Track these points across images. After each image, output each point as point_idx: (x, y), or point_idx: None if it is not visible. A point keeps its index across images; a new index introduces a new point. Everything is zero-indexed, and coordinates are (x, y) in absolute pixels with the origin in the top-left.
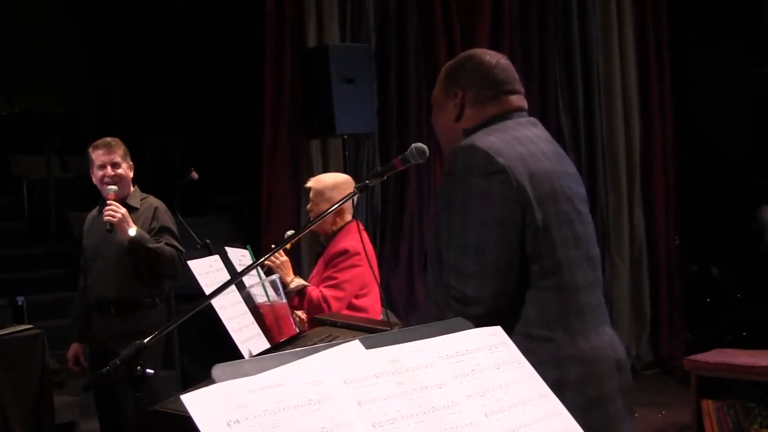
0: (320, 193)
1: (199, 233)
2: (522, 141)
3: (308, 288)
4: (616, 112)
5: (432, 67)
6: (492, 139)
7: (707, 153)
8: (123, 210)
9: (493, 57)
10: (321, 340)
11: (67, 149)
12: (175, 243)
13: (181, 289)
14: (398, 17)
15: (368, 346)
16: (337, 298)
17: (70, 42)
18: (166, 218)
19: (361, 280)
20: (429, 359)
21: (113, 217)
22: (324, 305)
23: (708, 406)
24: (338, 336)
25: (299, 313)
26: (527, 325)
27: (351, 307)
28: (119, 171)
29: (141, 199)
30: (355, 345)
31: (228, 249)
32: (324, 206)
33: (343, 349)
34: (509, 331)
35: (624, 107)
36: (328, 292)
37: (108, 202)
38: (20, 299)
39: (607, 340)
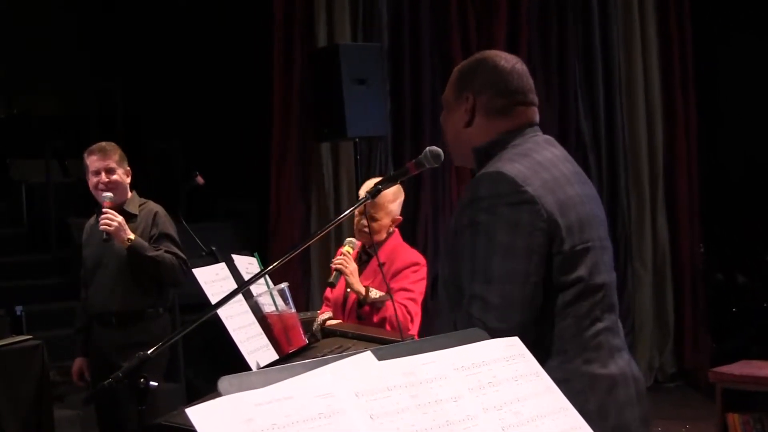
0: (381, 206)
1: (205, 240)
2: (545, 165)
3: (388, 301)
4: (638, 114)
5: (447, 68)
6: (518, 167)
7: (733, 156)
8: (119, 218)
9: (508, 62)
10: (331, 352)
11: (67, 152)
12: (176, 250)
13: (186, 299)
14: (412, 15)
15: (380, 358)
16: (416, 312)
17: (71, 42)
18: (166, 224)
19: (424, 293)
20: (443, 371)
21: (109, 226)
22: (408, 317)
23: (734, 419)
24: (349, 347)
25: (334, 322)
26: (545, 356)
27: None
28: (114, 177)
29: (140, 205)
30: (366, 356)
31: (235, 256)
32: (385, 220)
33: (354, 361)
34: None
35: (646, 109)
36: (411, 306)
37: (103, 210)
38: (19, 309)
39: (626, 368)
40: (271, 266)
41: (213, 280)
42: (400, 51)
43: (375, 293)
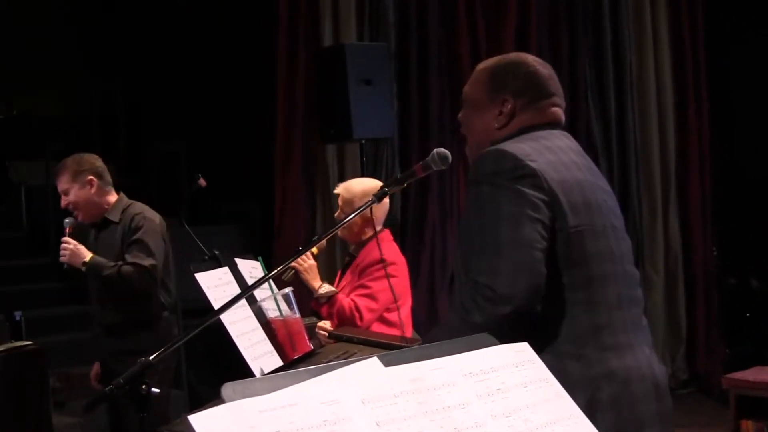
0: (349, 202)
1: (207, 243)
2: (553, 150)
3: (338, 296)
4: (650, 116)
5: (455, 68)
6: (521, 146)
7: (746, 159)
8: (71, 246)
9: (545, 68)
10: (337, 357)
11: (67, 154)
12: (138, 258)
13: (189, 303)
14: (419, 14)
15: (387, 364)
16: (371, 309)
17: (71, 42)
18: (140, 227)
19: (396, 291)
20: (451, 377)
21: (63, 256)
22: (356, 314)
23: (748, 427)
24: (355, 353)
25: (324, 324)
26: (557, 342)
27: (382, 320)
28: (69, 198)
29: (123, 209)
30: (373, 362)
31: (238, 260)
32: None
33: (360, 367)
34: (538, 349)
35: (658, 111)
36: (361, 302)
37: (62, 238)
38: (18, 314)
39: (644, 361)
40: (276, 270)
41: (216, 284)
42: (407, 51)
43: (324, 289)
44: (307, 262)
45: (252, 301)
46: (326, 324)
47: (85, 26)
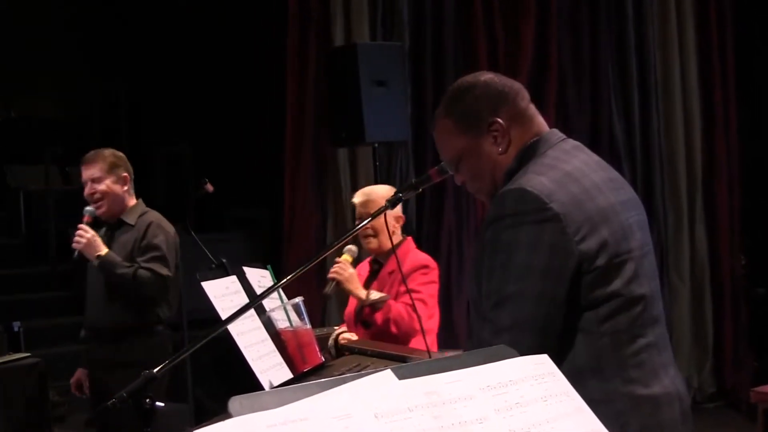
0: (372, 208)
1: (215, 251)
2: (574, 176)
3: (390, 301)
4: (675, 118)
5: (472, 68)
6: (544, 181)
7: None
8: (89, 234)
9: (485, 75)
10: (349, 370)
11: (68, 158)
12: (155, 265)
13: (195, 314)
14: (434, 13)
15: (401, 377)
16: (425, 314)
17: (72, 41)
18: (156, 236)
19: (437, 297)
20: (468, 391)
21: (78, 243)
22: (414, 317)
23: None
24: (368, 365)
25: (350, 336)
26: (581, 376)
27: None
28: (99, 187)
29: (140, 215)
30: (386, 375)
31: (246, 269)
32: (377, 223)
33: (373, 380)
34: None
35: (684, 114)
36: (417, 307)
37: (79, 225)
38: (17, 324)
39: (670, 386)
40: (285, 279)
41: (223, 294)
42: (422, 51)
43: (375, 295)
44: (346, 272)
45: (261, 312)
46: (352, 336)
47: (86, 26)
